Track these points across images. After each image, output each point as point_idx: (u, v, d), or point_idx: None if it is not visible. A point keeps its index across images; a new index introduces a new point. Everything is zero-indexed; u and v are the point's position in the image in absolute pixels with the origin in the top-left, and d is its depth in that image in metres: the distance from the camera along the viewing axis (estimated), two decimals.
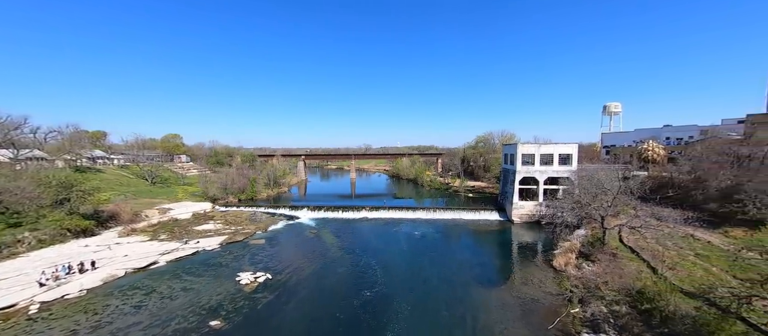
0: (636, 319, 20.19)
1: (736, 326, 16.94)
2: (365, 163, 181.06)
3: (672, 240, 30.74)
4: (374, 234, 45.25)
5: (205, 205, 62.92)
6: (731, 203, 33.36)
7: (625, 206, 36.34)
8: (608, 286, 24.33)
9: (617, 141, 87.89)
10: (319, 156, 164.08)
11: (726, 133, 53.82)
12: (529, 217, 49.74)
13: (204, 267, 32.59)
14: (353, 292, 26.74)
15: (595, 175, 40.95)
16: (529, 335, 20.10)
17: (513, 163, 52.86)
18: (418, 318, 22.60)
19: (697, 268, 25.05)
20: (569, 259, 31.06)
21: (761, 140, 39.52)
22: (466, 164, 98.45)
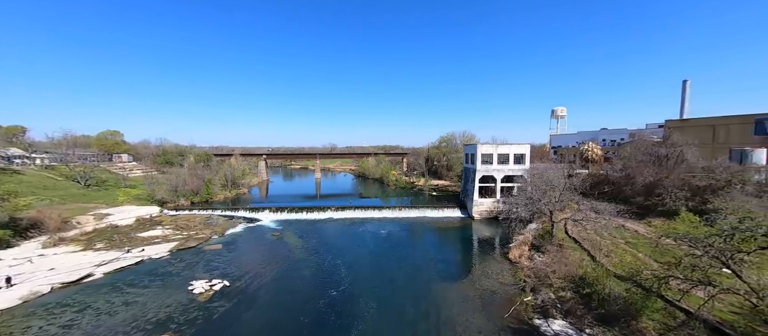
0: (579, 303, 22.41)
1: (657, 303, 19.62)
2: (331, 162, 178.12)
3: (607, 230, 34.57)
4: (340, 234, 44.72)
5: (152, 209, 57.26)
6: (653, 197, 38.49)
7: (569, 201, 40.07)
8: (556, 274, 26.65)
9: (563, 142, 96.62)
10: (282, 155, 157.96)
11: (649, 136, 61.97)
12: (488, 213, 52.69)
13: (150, 277, 29.65)
14: (318, 293, 26.18)
15: (544, 173, 44.61)
16: (488, 325, 21.31)
17: (473, 163, 55.58)
18: (383, 315, 22.80)
19: (627, 255, 28.50)
20: (523, 252, 33.51)
21: (675, 142, 46.12)
22: (431, 163, 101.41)
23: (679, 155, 42.53)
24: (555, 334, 19.87)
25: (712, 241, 15.59)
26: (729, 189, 32.63)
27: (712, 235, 16.01)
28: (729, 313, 18.20)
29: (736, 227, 15.51)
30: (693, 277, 16.14)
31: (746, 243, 14.85)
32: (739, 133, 49.83)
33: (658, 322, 18.59)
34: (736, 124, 50.68)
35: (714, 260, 15.42)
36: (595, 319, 20.52)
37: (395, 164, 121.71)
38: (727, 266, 14.99)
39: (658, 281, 17.83)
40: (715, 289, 15.44)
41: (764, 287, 13.96)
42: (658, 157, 44.23)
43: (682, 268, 16.78)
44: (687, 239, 17.51)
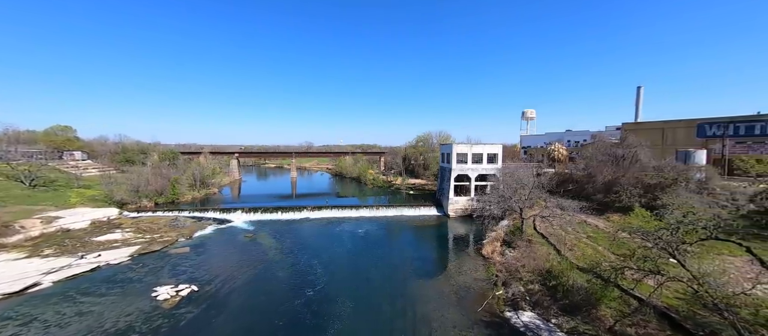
0: (545, 295, 23.72)
1: (614, 292, 21.22)
2: (307, 161, 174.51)
3: (571, 226, 36.85)
4: (317, 234, 44.01)
5: (110, 211, 53.04)
6: (611, 194, 41.54)
7: (538, 199, 42.26)
8: (525, 268, 28.02)
9: (532, 143, 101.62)
10: (255, 154, 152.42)
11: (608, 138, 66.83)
12: (463, 211, 54.23)
13: (108, 285, 27.48)
14: (293, 294, 25.61)
15: (515, 172, 46.67)
16: (462, 319, 21.95)
17: (449, 162, 56.93)
18: (360, 314, 22.77)
19: (588, 248, 30.56)
20: (495, 248, 34.87)
21: (631, 144, 50.11)
22: (408, 163, 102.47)
23: (634, 155, 46.23)
24: (524, 325, 20.89)
25: (660, 234, 17.10)
26: (675, 186, 35.98)
27: (660, 229, 17.56)
28: (674, 299, 20.09)
29: (680, 221, 17.13)
30: (645, 268, 17.62)
31: (689, 235, 16.46)
32: (684, 135, 55.05)
33: (615, 309, 20.14)
34: (681, 128, 55.94)
35: (662, 251, 16.94)
36: (560, 309, 21.83)
37: (373, 163, 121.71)
38: (673, 256, 16.52)
39: (615, 272, 19.28)
40: (663, 277, 16.96)
41: (704, 275, 15.54)
42: (616, 157, 47.80)
43: (635, 260, 18.26)
44: (639, 233, 19.08)
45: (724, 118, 50.66)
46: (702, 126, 52.91)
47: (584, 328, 19.39)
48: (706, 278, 15.30)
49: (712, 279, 15.36)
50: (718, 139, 49.72)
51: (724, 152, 46.25)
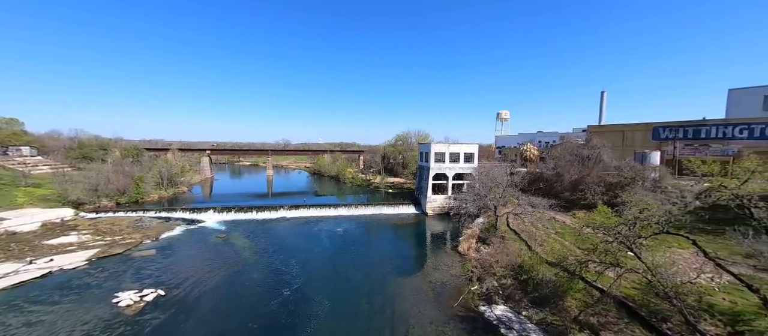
0: (517, 288, 24.79)
1: (579, 284, 22.58)
2: (284, 159, 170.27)
3: (541, 222, 38.75)
4: (294, 234, 43.09)
5: (64, 212, 48.85)
6: (577, 192, 44.13)
7: (511, 197, 44.05)
8: (499, 264, 29.10)
9: (507, 143, 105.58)
10: (229, 151, 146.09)
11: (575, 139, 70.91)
12: (441, 209, 55.33)
13: (61, 292, 25.32)
14: (269, 296, 24.93)
15: (490, 171, 48.32)
16: (439, 315, 22.43)
17: (427, 161, 57.81)
18: (338, 313, 22.61)
19: (556, 244, 32.30)
20: (471, 244, 35.92)
21: (595, 145, 53.46)
22: (387, 161, 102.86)
23: (598, 156, 49.37)
24: (497, 318, 21.72)
25: (620, 229, 18.42)
26: (633, 185, 38.85)
27: (620, 224, 18.91)
28: (631, 289, 21.73)
29: (637, 217, 18.55)
30: (606, 261, 18.92)
31: (644, 230, 17.87)
32: (641, 138, 59.51)
33: (579, 300, 21.45)
34: (639, 131, 60.42)
35: (621, 245, 18.25)
36: (530, 301, 22.92)
37: (352, 162, 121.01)
38: (630, 250, 17.86)
39: (580, 265, 20.54)
40: (622, 269, 18.31)
41: (656, 266, 16.95)
42: (582, 157, 50.80)
43: (598, 253, 19.55)
44: (602, 228, 20.42)
45: (676, 123, 55.39)
46: (656, 129, 57.52)
47: (552, 319, 20.49)
48: (658, 269, 16.69)
49: (664, 270, 16.77)
50: (670, 141, 54.28)
51: (675, 154, 50.59)
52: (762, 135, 45.05)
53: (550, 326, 19.92)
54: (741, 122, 47.84)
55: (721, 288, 20.63)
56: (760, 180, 16.87)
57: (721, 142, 49.31)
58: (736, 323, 17.03)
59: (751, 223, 16.54)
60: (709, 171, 20.90)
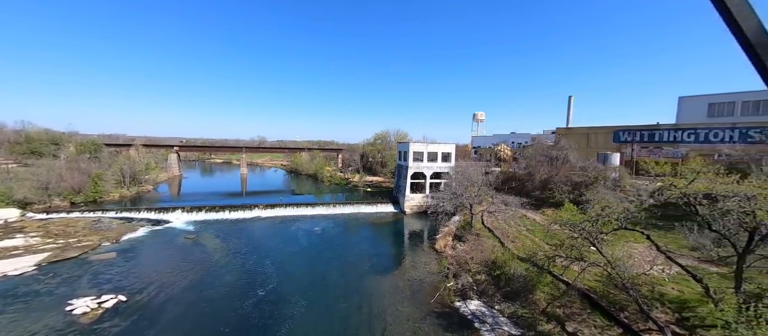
0: (491, 284, 25.70)
1: (547, 278, 23.80)
2: (259, 157, 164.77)
3: (514, 220, 40.42)
4: (269, 234, 41.86)
5: (7, 213, 44.26)
6: (547, 191, 46.46)
7: (486, 195, 45.49)
8: (474, 260, 30.01)
9: (482, 143, 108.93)
10: (199, 147, 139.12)
11: (545, 140, 74.54)
12: (419, 207, 56.07)
13: (5, 300, 22.97)
14: (242, 298, 24.05)
15: (466, 170, 49.61)
16: (416, 312, 22.75)
17: (406, 160, 58.32)
18: (315, 313, 22.29)
19: (527, 240, 33.83)
20: (447, 242, 36.74)
21: (562, 146, 56.50)
22: (366, 160, 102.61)
23: (565, 157, 52.23)
24: (471, 312, 22.40)
25: (584, 225, 19.61)
26: (596, 184, 41.51)
27: (584, 221, 20.11)
28: (594, 281, 23.22)
29: (599, 214, 19.82)
30: (571, 255, 20.08)
31: (605, 226, 19.15)
32: (603, 140, 63.65)
33: (547, 293, 22.62)
34: (602, 133, 64.57)
35: (585, 241, 19.45)
36: (502, 296, 23.85)
37: (330, 160, 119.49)
38: (593, 245, 19.07)
39: (548, 260, 21.66)
40: (586, 263, 19.52)
41: (615, 260, 18.23)
42: (551, 158, 53.50)
43: (564, 249, 20.69)
44: (568, 225, 21.62)
45: (634, 126, 59.83)
46: (617, 132, 61.81)
47: (522, 312, 21.45)
48: (617, 263, 17.96)
49: (622, 263, 18.07)
50: (628, 144, 58.54)
51: (633, 155, 54.66)
52: (706, 139, 49.76)
53: (521, 319, 20.85)
54: (688, 127, 52.55)
55: (671, 278, 22.57)
56: (704, 180, 18.64)
57: (672, 145, 53.90)
58: (682, 310, 18.73)
59: (696, 219, 18.24)
60: (662, 171, 22.74)
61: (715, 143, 48.07)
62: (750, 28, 0.60)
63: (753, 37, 0.62)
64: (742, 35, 0.61)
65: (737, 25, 0.60)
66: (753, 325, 11.34)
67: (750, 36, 0.61)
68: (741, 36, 0.61)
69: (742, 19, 0.59)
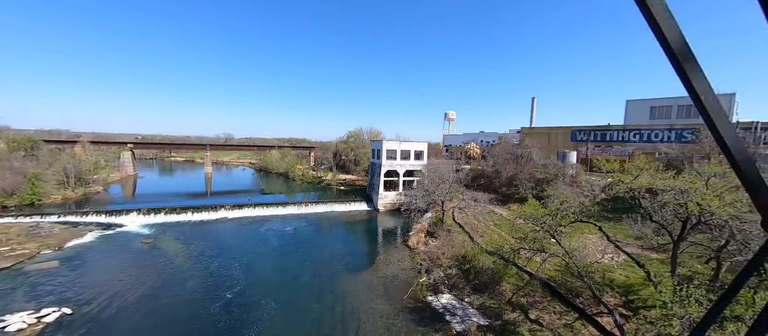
0: (461, 277, 26.65)
1: (512, 270, 25.17)
2: (226, 155, 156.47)
3: (482, 215, 42.12)
4: (237, 235, 39.98)
5: None
6: (512, 187, 49.01)
7: (456, 192, 47.00)
8: (445, 255, 30.91)
9: (453, 141, 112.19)
10: (157, 145, 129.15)
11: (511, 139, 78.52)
12: (392, 205, 56.57)
13: None
14: (207, 304, 22.79)
15: (438, 168, 50.86)
16: (389, 308, 22.99)
17: (379, 158, 58.50)
18: (287, 315, 21.72)
19: (495, 234, 35.50)
20: (420, 238, 37.48)
21: (526, 145, 59.88)
22: (339, 158, 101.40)
23: (529, 155, 55.38)
24: (443, 306, 23.08)
25: (545, 219, 20.98)
26: (556, 181, 44.51)
27: (545, 215, 21.53)
28: (553, 271, 24.92)
29: (558, 208, 21.32)
30: (534, 247, 21.40)
31: (563, 219, 20.62)
32: (563, 139, 68.33)
33: (513, 284, 23.93)
34: (561, 133, 69.27)
35: (546, 233, 20.83)
36: (472, 288, 24.83)
37: (302, 158, 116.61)
38: (553, 237, 20.48)
39: (513, 253, 22.93)
40: (547, 254, 20.91)
41: (572, 250, 19.73)
42: (516, 156, 56.45)
43: (528, 241, 22.01)
44: (531, 219, 23.02)
45: (588, 127, 64.86)
46: (574, 132, 66.67)
47: (490, 303, 22.51)
48: (573, 253, 19.44)
49: (577, 253, 19.60)
50: (584, 143, 63.42)
51: (588, 153, 59.33)
52: (648, 139, 55.27)
53: (488, 309, 21.87)
54: (634, 128, 58.03)
55: (619, 265, 24.87)
56: (647, 176, 20.72)
57: (620, 144, 59.19)
58: (628, 294, 20.73)
59: (640, 211, 20.26)
60: (611, 168, 24.91)
61: (656, 143, 53.54)
62: (673, 39, 0.69)
63: (675, 47, 0.71)
64: (667, 45, 0.69)
65: (663, 35, 0.69)
66: (685, 303, 12.85)
67: (672, 45, 0.70)
68: (666, 46, 0.69)
69: (666, 30, 0.68)
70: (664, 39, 0.82)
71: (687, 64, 0.82)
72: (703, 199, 15.95)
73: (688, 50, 0.83)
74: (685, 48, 0.81)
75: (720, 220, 15.68)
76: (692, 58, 0.84)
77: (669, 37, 0.81)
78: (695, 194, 16.68)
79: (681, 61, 0.81)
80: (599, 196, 24.71)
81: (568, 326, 19.18)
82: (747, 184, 0.91)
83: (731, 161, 0.92)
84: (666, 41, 0.81)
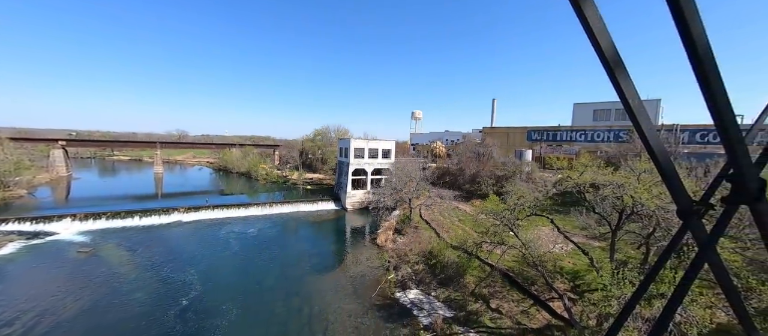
0: (428, 273, 27.41)
1: (475, 263, 26.44)
2: (180, 153, 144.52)
3: (448, 212, 43.71)
4: (194, 239, 37.16)
5: None
6: (475, 184, 51.43)
7: (423, 190, 48.20)
8: (412, 252, 31.56)
9: (420, 140, 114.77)
10: (96, 142, 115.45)
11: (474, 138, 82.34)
12: (360, 204, 56.40)
13: None
14: (158, 316, 20.93)
15: (405, 166, 51.77)
16: (357, 307, 22.95)
17: (347, 156, 57.95)
18: (249, 320, 20.71)
19: (459, 229, 37.01)
20: (388, 236, 37.86)
21: (488, 144, 63.23)
22: (305, 157, 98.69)
23: (489, 153, 58.49)
24: (410, 301, 23.58)
25: (504, 214, 22.35)
26: (514, 177, 47.56)
27: (504, 210, 22.93)
28: (512, 262, 26.65)
29: (516, 203, 22.82)
30: (495, 240, 22.69)
31: (520, 213, 22.13)
32: (519, 138, 73.14)
33: (476, 276, 25.15)
34: (518, 133, 74.09)
35: (505, 227, 22.18)
36: (438, 283, 25.67)
37: (266, 157, 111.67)
38: (511, 230, 21.88)
39: (476, 246, 24.10)
40: (506, 246, 22.29)
41: (528, 242, 21.26)
42: (478, 154, 59.28)
43: (489, 235, 23.27)
44: (492, 214, 24.37)
45: (541, 127, 70.18)
46: (529, 132, 71.72)
47: (455, 296, 23.45)
48: (529, 244, 20.94)
49: (532, 244, 21.15)
50: (538, 142, 68.51)
51: (541, 152, 64.25)
52: (592, 139, 61.23)
53: (453, 302, 22.78)
54: (580, 129, 63.94)
55: (567, 254, 27.28)
56: (591, 172, 22.95)
57: (568, 143, 64.87)
58: (575, 279, 22.85)
59: (585, 204, 22.38)
60: (561, 166, 27.18)
61: (598, 142, 59.50)
62: (606, 47, 0.78)
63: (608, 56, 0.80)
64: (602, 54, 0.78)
65: (599, 45, 0.78)
66: (621, 285, 14.49)
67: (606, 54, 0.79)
68: (601, 54, 0.78)
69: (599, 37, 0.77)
70: (600, 48, 0.87)
71: (618, 71, 0.89)
72: (635, 192, 18.06)
73: (619, 59, 0.92)
74: (617, 57, 0.90)
75: (648, 210, 17.89)
76: (622, 67, 0.92)
77: (603, 47, 0.86)
78: (629, 188, 18.83)
79: (613, 69, 0.88)
80: (551, 191, 26.92)
81: (525, 312, 20.66)
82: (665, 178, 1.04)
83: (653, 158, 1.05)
84: (601, 51, 0.87)
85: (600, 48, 0.84)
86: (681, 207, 1.05)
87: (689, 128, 49.62)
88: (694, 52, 0.79)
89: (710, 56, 0.79)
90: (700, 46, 0.79)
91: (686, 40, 0.78)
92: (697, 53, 0.79)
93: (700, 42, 0.79)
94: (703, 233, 1.04)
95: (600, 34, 0.83)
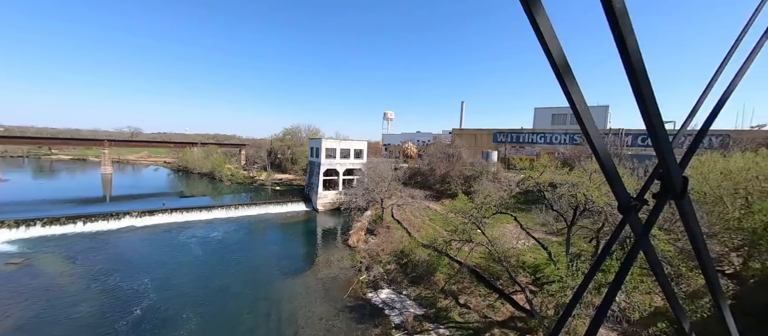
0: (400, 272, 27.71)
1: (445, 260, 27.18)
2: (133, 152, 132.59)
3: (419, 211, 44.54)
4: (149, 246, 34.29)
5: None
6: (445, 184, 52.97)
7: (395, 190, 48.69)
8: (385, 251, 31.73)
9: (392, 141, 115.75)
10: (31, 139, 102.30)
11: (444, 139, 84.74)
12: (332, 204, 55.60)
13: None
14: (106, 327, 19.03)
15: (377, 166, 51.91)
16: (329, 309, 22.60)
17: (318, 156, 56.87)
18: (212, 328, 19.57)
19: (430, 228, 37.86)
20: (360, 236, 37.72)
21: (457, 145, 65.42)
22: (274, 156, 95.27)
23: (459, 154, 60.55)
24: (382, 301, 23.69)
25: (472, 212, 23.24)
26: (481, 177, 49.67)
27: (472, 209, 23.86)
28: (479, 258, 27.78)
29: (483, 202, 23.86)
30: (463, 238, 23.52)
31: (487, 211, 23.15)
32: (486, 140, 76.52)
33: (445, 273, 25.89)
34: (485, 134, 77.48)
35: (473, 225, 23.08)
36: (409, 281, 26.05)
37: (231, 157, 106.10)
38: (479, 228, 22.81)
39: (446, 244, 24.84)
40: (473, 243, 23.20)
41: (494, 238, 22.31)
42: (448, 155, 61.10)
43: (458, 233, 24.08)
44: (460, 213, 25.23)
45: (506, 129, 74.09)
46: (495, 134, 75.36)
47: (425, 293, 23.96)
48: (494, 241, 21.97)
49: (497, 241, 22.22)
50: (503, 144, 72.21)
51: (506, 153, 67.79)
52: (550, 141, 65.75)
53: (424, 300, 23.26)
54: (540, 131, 68.37)
55: (529, 249, 29.01)
56: (549, 172, 24.64)
57: (530, 145, 69.07)
58: (536, 273, 24.37)
59: (545, 201, 23.96)
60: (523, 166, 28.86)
61: (556, 145, 64.00)
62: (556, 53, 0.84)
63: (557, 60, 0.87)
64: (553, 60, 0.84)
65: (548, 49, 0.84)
66: (575, 276, 15.72)
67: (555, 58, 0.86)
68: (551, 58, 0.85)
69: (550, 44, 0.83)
70: (550, 55, 0.94)
71: (566, 76, 0.97)
72: (587, 191, 19.69)
73: (568, 66, 0.99)
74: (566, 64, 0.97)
75: (598, 207, 19.60)
76: (571, 73, 1.00)
77: (554, 54, 0.93)
78: (582, 187, 20.49)
79: (562, 74, 0.95)
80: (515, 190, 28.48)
81: (491, 306, 21.66)
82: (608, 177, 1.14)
83: (598, 159, 1.15)
84: (552, 57, 0.94)
85: (551, 54, 0.91)
86: (621, 202, 1.16)
87: (633, 132, 55.03)
88: (630, 65, 0.87)
89: (643, 70, 0.90)
90: (635, 60, 0.87)
91: (623, 55, 0.87)
92: (632, 67, 0.87)
93: (635, 57, 0.87)
94: (639, 225, 1.16)
95: (550, 41, 0.89)
